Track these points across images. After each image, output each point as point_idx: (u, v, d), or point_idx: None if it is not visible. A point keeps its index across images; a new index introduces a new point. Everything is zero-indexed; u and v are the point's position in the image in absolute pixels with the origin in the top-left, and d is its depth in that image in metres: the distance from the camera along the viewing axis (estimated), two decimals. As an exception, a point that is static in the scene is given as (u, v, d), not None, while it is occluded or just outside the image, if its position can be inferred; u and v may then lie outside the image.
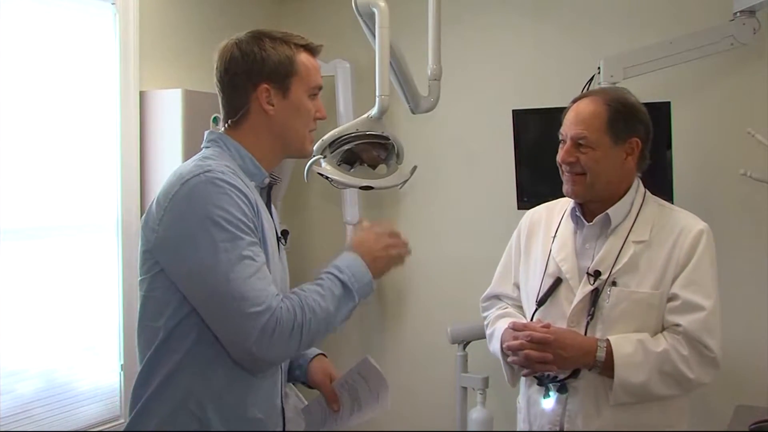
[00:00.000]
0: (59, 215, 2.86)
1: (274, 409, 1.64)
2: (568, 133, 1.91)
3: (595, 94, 1.96)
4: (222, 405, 1.52)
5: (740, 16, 2.77)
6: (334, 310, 1.52)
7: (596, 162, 1.87)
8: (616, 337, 1.84)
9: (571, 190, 1.92)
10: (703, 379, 1.85)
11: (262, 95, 1.59)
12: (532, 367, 1.87)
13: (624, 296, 1.86)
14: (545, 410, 1.92)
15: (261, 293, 1.44)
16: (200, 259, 1.44)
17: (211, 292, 1.45)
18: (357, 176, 2.24)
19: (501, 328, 2.01)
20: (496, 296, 2.17)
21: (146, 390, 1.54)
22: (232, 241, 1.44)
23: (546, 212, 2.10)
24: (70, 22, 2.89)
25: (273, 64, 1.58)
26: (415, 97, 2.51)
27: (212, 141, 1.63)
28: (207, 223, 1.45)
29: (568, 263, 1.94)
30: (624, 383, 1.81)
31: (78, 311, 2.92)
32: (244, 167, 1.60)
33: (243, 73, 1.59)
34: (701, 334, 1.81)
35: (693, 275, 1.86)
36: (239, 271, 1.43)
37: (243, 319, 1.42)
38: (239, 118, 1.61)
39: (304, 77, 1.62)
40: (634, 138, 1.91)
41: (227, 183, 1.48)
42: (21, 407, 2.71)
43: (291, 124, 1.62)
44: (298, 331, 1.46)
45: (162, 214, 1.50)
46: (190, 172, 1.51)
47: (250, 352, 1.44)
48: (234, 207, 1.47)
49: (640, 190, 1.97)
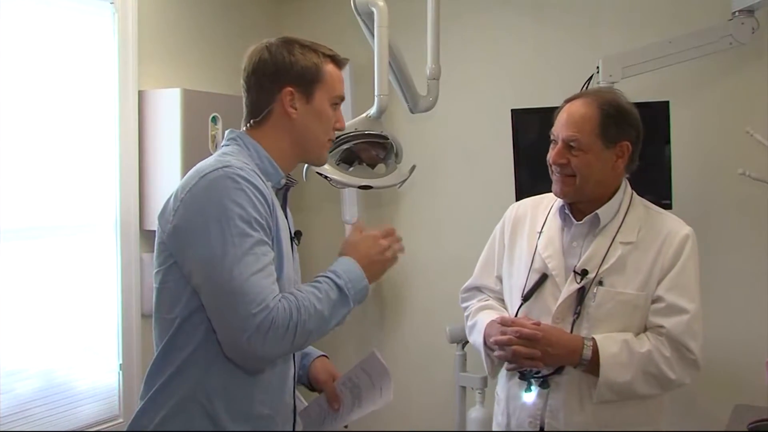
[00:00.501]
0: (57, 215, 2.86)
1: (284, 406, 1.65)
2: (559, 134, 1.93)
3: (587, 96, 1.97)
4: (229, 399, 1.54)
5: (739, 15, 2.77)
6: (329, 314, 1.54)
7: (587, 165, 1.89)
8: (602, 336, 1.86)
9: (560, 190, 1.94)
10: (684, 380, 1.88)
11: (287, 98, 1.62)
12: (519, 362, 1.88)
13: (610, 296, 1.89)
14: (526, 404, 1.94)
15: (262, 291, 1.45)
16: (208, 250, 1.47)
17: (214, 285, 1.47)
18: (356, 175, 2.24)
19: (484, 320, 2.03)
20: (477, 288, 2.18)
21: (157, 380, 1.56)
22: (242, 236, 1.47)
23: (531, 207, 2.12)
24: (68, 22, 2.89)
25: (300, 68, 1.62)
26: (413, 96, 2.51)
27: (232, 139, 1.66)
28: (220, 216, 1.48)
29: (555, 260, 1.96)
30: (609, 382, 1.84)
31: (77, 311, 2.91)
32: (262, 167, 1.62)
33: (270, 75, 1.63)
34: (684, 337, 1.85)
35: (678, 279, 1.89)
36: (244, 267, 1.45)
37: (240, 314, 1.44)
38: (262, 119, 1.65)
39: (328, 85, 1.66)
40: (625, 142, 1.92)
41: (245, 179, 1.51)
42: (20, 407, 2.71)
43: (311, 129, 1.66)
44: (292, 331, 1.47)
45: (178, 205, 1.53)
46: (210, 166, 1.54)
47: (243, 348, 1.46)
48: (249, 203, 1.50)
49: (628, 192, 2.00)
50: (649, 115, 2.87)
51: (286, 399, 1.66)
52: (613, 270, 1.90)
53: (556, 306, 1.92)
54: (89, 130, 2.96)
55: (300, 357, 1.79)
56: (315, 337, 1.56)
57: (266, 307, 1.45)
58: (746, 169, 2.78)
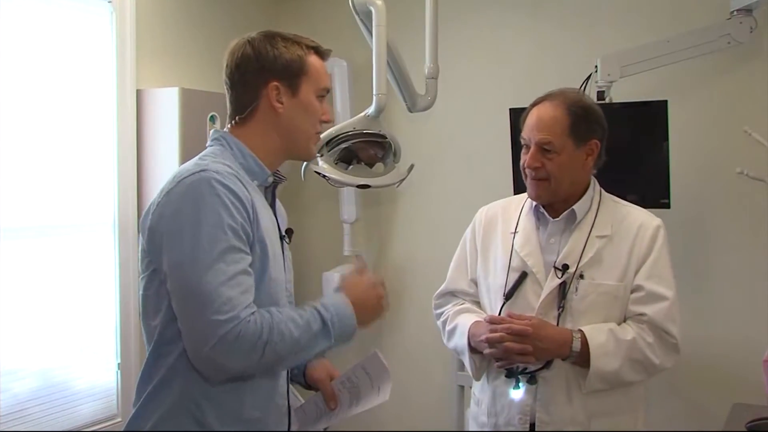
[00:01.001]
0: (56, 214, 2.85)
1: (276, 408, 1.63)
2: (532, 138, 1.98)
3: (554, 98, 2.01)
4: (218, 404, 1.53)
5: (737, 14, 2.77)
6: (305, 343, 1.50)
7: (560, 167, 1.96)
8: (589, 327, 1.92)
9: (536, 194, 2.01)
10: (666, 364, 1.95)
11: (272, 92, 1.59)
12: (511, 359, 1.91)
13: (591, 288, 1.95)
14: (514, 401, 1.97)
15: (230, 301, 1.42)
16: (179, 255, 1.45)
17: (182, 290, 1.45)
18: (354, 175, 2.24)
19: (465, 322, 2.06)
20: (451, 293, 2.21)
21: (146, 388, 1.55)
22: (214, 243, 1.44)
23: (501, 208, 2.17)
24: (66, 21, 2.88)
25: (284, 62, 1.59)
26: (412, 95, 2.51)
27: (215, 140, 1.64)
28: (194, 222, 1.45)
29: (534, 258, 2.01)
30: (599, 372, 1.89)
31: (75, 310, 2.91)
32: (247, 166, 1.60)
33: (254, 70, 1.60)
34: (665, 323, 1.92)
35: (654, 268, 1.96)
36: (213, 275, 1.42)
37: (205, 322, 1.41)
38: (247, 116, 1.62)
39: (313, 78, 1.63)
40: (594, 140, 1.99)
41: (221, 184, 1.48)
42: (18, 406, 2.70)
43: (299, 123, 1.63)
44: (260, 348, 1.43)
45: (154, 209, 1.52)
46: (188, 171, 1.51)
47: (206, 356, 1.43)
48: (224, 209, 1.46)
49: (597, 188, 2.07)
50: (648, 114, 2.90)
51: (278, 400, 1.64)
52: (592, 263, 1.96)
53: (539, 302, 1.97)
54: (87, 129, 2.96)
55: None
56: (287, 363, 1.55)
57: (234, 317, 1.41)
58: (744, 168, 2.78)
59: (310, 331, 1.50)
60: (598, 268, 1.96)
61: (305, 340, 1.50)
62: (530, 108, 2.02)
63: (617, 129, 2.78)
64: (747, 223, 3.01)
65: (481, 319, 2.01)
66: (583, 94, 2.07)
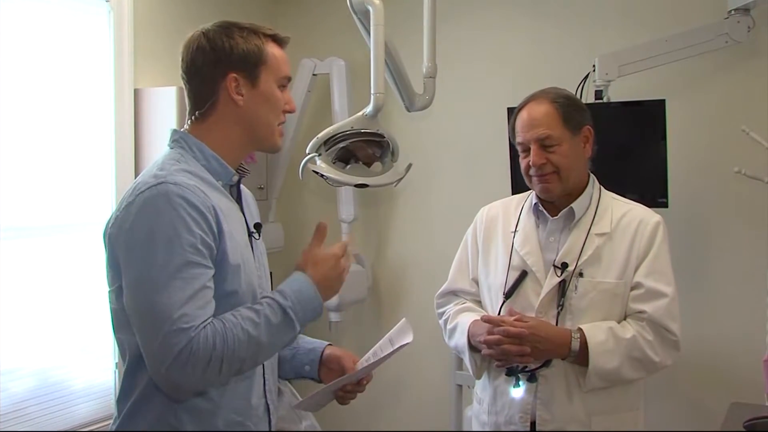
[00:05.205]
0: (53, 213, 2.85)
1: (254, 408, 1.59)
2: (529, 138, 1.99)
3: (537, 97, 2.04)
4: (198, 412, 1.50)
5: (735, 14, 2.78)
6: (268, 340, 1.45)
7: (565, 157, 1.97)
8: (588, 325, 1.92)
9: (546, 189, 2.01)
10: (666, 362, 1.95)
11: (231, 84, 1.54)
12: (510, 360, 1.93)
13: (591, 286, 1.96)
14: (515, 400, 1.98)
15: (184, 318, 1.37)
16: (135, 273, 1.42)
17: (138, 309, 1.42)
18: (352, 174, 2.23)
19: (465, 321, 2.07)
20: (453, 292, 2.22)
21: (125, 405, 1.52)
22: (170, 260, 1.39)
23: (502, 208, 2.19)
24: (64, 20, 2.88)
25: (242, 52, 1.55)
26: (410, 94, 2.51)
27: (175, 141, 1.58)
28: (149, 239, 1.41)
29: (534, 256, 2.02)
30: (598, 370, 1.90)
31: (72, 310, 2.91)
32: (209, 167, 1.55)
33: (211, 63, 1.55)
34: (665, 320, 1.93)
35: (654, 265, 1.97)
36: (168, 294, 1.38)
37: (159, 341, 1.37)
38: (206, 110, 1.56)
39: (273, 67, 1.58)
40: (587, 126, 2.02)
41: (180, 197, 1.43)
42: (15, 406, 2.70)
43: (261, 115, 1.58)
44: (217, 362, 1.39)
45: (113, 222, 1.48)
46: (145, 183, 1.46)
47: (163, 377, 1.40)
48: (181, 224, 1.41)
49: (596, 185, 2.08)
50: (645, 113, 2.90)
51: (254, 401, 1.59)
52: (592, 261, 1.97)
53: (539, 300, 1.98)
54: (85, 128, 2.96)
55: (294, 352, 1.75)
56: (252, 364, 1.50)
57: (186, 336, 1.36)
58: (742, 167, 2.78)
59: (270, 327, 1.45)
60: (598, 266, 1.97)
61: (267, 337, 1.45)
62: (517, 113, 2.05)
63: (615, 128, 2.81)
64: (745, 222, 3.01)
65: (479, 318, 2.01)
66: (561, 88, 2.10)
